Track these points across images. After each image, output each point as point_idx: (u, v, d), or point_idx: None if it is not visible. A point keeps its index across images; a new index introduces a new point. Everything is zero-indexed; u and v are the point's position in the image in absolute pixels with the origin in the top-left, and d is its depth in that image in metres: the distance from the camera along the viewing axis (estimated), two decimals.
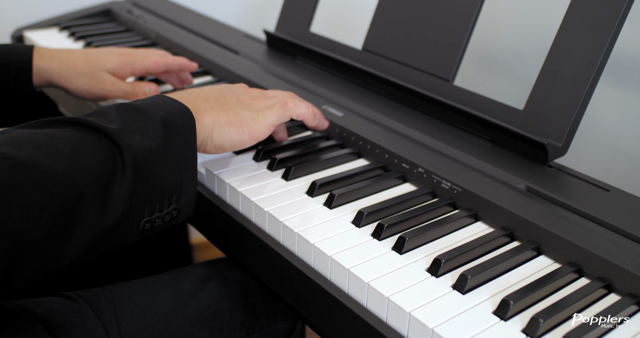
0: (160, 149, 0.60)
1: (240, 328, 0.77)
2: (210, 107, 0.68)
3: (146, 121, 0.60)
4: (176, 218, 0.64)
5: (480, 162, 0.73)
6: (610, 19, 0.68)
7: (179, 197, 0.62)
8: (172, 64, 0.92)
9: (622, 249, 0.58)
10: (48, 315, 0.67)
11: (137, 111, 0.61)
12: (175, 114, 0.63)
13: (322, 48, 1.00)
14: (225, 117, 0.68)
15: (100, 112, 0.61)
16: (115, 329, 0.69)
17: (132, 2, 1.38)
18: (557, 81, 0.72)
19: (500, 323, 0.53)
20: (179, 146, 0.62)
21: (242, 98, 0.72)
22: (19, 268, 0.51)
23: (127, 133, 0.58)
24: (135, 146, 0.58)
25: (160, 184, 0.60)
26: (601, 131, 1.01)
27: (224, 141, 0.68)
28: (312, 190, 0.70)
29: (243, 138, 0.69)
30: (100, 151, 0.56)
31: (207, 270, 0.81)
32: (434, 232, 0.64)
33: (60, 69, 0.86)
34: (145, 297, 0.74)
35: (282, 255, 0.64)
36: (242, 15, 1.66)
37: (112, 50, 0.90)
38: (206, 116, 0.67)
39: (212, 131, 0.67)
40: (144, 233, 0.61)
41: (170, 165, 0.61)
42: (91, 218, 0.54)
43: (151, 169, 0.59)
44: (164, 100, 0.65)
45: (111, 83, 0.87)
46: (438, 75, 0.85)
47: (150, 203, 0.60)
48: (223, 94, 0.72)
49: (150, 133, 0.60)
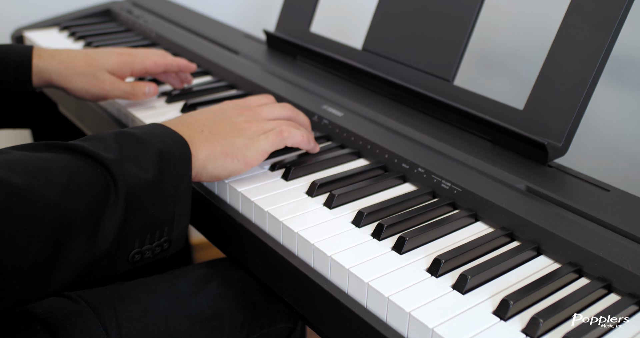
0: (155, 181, 0.59)
1: (240, 328, 0.77)
2: (204, 138, 0.67)
3: (143, 152, 0.60)
4: (166, 250, 0.63)
5: (480, 162, 0.73)
6: (610, 19, 0.68)
7: (171, 230, 0.62)
8: (172, 64, 0.92)
9: (622, 249, 0.58)
10: (48, 315, 0.67)
11: (135, 140, 0.61)
12: (172, 146, 0.63)
13: (322, 48, 1.00)
14: (220, 149, 0.68)
15: (99, 139, 0.61)
16: (115, 329, 0.69)
17: (132, 2, 1.38)
18: (557, 81, 0.72)
19: (500, 323, 0.53)
20: (174, 179, 0.61)
21: (236, 123, 0.71)
22: (3, 293, 0.51)
23: (123, 163, 0.58)
24: (131, 177, 0.58)
25: (152, 216, 0.60)
26: (601, 131, 1.01)
27: (219, 171, 0.68)
28: (312, 190, 0.70)
29: (238, 167, 0.69)
30: (95, 180, 0.56)
31: (207, 270, 0.81)
32: (434, 232, 0.64)
33: (60, 69, 0.86)
34: (145, 297, 0.74)
35: (282, 255, 0.64)
36: (242, 15, 1.66)
37: (112, 50, 0.90)
38: (201, 149, 0.66)
39: (206, 163, 0.67)
40: (133, 264, 0.61)
41: (163, 198, 0.60)
42: (80, 247, 0.54)
43: (144, 201, 0.58)
44: (163, 131, 0.64)
45: (110, 83, 0.87)
46: (438, 75, 0.85)
47: (142, 235, 0.59)
48: (217, 122, 0.71)
49: (146, 165, 0.59)
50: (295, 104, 0.88)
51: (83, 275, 0.56)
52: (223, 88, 0.99)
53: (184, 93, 0.95)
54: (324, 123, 0.84)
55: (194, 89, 0.96)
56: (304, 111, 0.86)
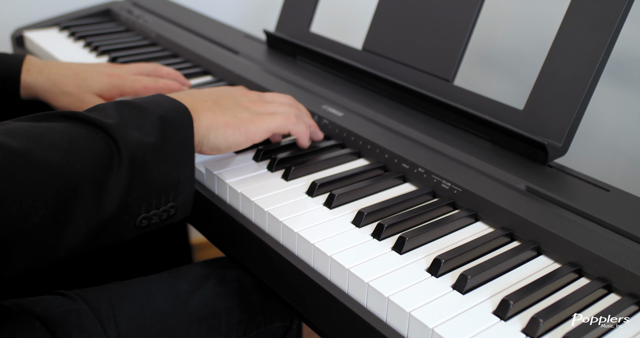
0: (158, 145, 0.60)
1: (237, 326, 0.77)
2: (208, 108, 0.68)
3: (144, 118, 0.61)
4: (173, 216, 0.64)
5: (480, 162, 0.73)
6: (610, 19, 0.68)
7: (177, 195, 0.62)
8: (163, 89, 0.89)
9: (622, 249, 0.58)
10: (46, 314, 0.67)
11: (135, 107, 0.61)
12: (173, 112, 0.63)
13: (322, 48, 1.00)
14: (223, 119, 0.68)
15: (99, 108, 0.61)
16: (113, 328, 0.69)
17: (132, 2, 1.38)
18: (557, 81, 0.72)
19: (500, 323, 0.53)
20: (177, 144, 0.62)
21: (240, 100, 0.73)
22: (13, 256, 0.51)
23: (125, 128, 0.59)
24: (133, 141, 0.58)
25: (157, 181, 0.60)
26: (601, 131, 1.01)
27: (220, 142, 0.68)
28: (312, 190, 0.70)
29: (239, 140, 0.69)
30: (97, 145, 0.56)
31: (205, 269, 0.81)
32: (434, 232, 0.64)
33: (47, 86, 0.85)
34: (143, 295, 0.74)
35: (282, 255, 0.64)
36: (242, 15, 1.66)
37: (103, 69, 0.88)
38: (203, 117, 0.67)
39: (208, 131, 0.67)
40: (140, 229, 0.61)
41: (167, 162, 0.61)
42: (87, 211, 0.55)
43: (148, 165, 0.59)
44: (163, 99, 0.65)
45: None
46: (438, 75, 0.85)
47: (147, 200, 0.60)
48: (221, 96, 0.72)
49: (148, 129, 0.60)
50: None
51: (92, 240, 0.57)
52: None
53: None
54: (324, 123, 0.84)
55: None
56: None
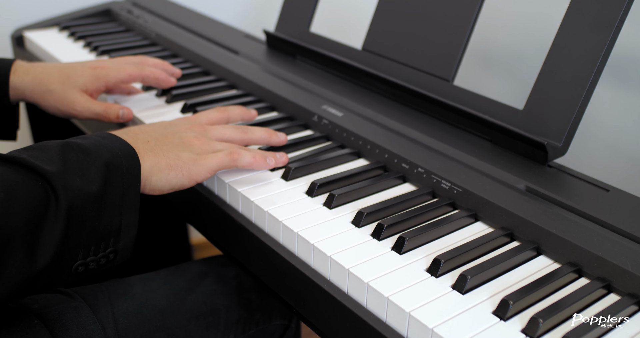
0: (100, 193, 0.59)
1: (236, 324, 0.77)
2: (150, 149, 0.67)
3: (89, 163, 0.59)
4: (112, 260, 0.63)
5: (480, 162, 0.73)
6: (610, 19, 0.68)
7: (117, 241, 0.62)
8: (149, 76, 0.89)
9: (622, 249, 0.58)
10: (44, 310, 0.67)
11: (82, 151, 0.60)
12: (120, 157, 0.62)
13: (322, 48, 1.00)
14: (165, 161, 0.66)
15: (43, 149, 0.59)
16: (111, 324, 0.70)
17: (132, 2, 1.38)
18: (557, 81, 0.72)
19: (500, 323, 0.53)
20: (121, 190, 0.61)
21: (184, 137, 0.70)
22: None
23: (66, 176, 0.57)
24: (74, 190, 0.57)
25: (97, 229, 0.59)
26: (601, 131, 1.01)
27: (163, 184, 0.67)
28: (312, 190, 0.70)
29: (182, 182, 0.68)
30: (35, 195, 0.55)
31: (203, 267, 0.81)
32: (433, 232, 0.64)
33: (32, 86, 0.85)
34: (141, 293, 0.74)
35: (282, 255, 0.64)
36: (242, 15, 1.66)
37: (86, 63, 0.88)
38: (146, 160, 0.65)
39: (150, 175, 0.65)
40: (77, 275, 0.60)
41: (109, 209, 0.60)
42: (18, 263, 0.53)
43: (88, 214, 0.58)
44: (112, 140, 0.64)
45: (81, 103, 0.84)
46: (438, 75, 0.85)
47: (85, 247, 0.59)
48: (165, 134, 0.70)
49: (92, 176, 0.58)
50: (295, 104, 0.88)
51: (24, 289, 0.55)
52: (223, 88, 0.99)
53: (184, 93, 0.95)
54: (324, 123, 0.84)
55: (194, 89, 0.96)
56: (304, 111, 0.86)
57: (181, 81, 0.99)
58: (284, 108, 0.90)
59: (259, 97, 0.94)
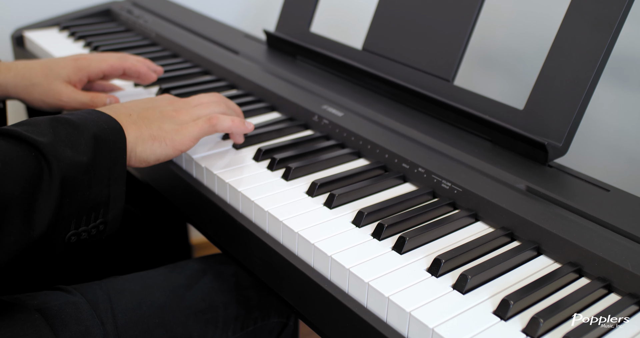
0: (90, 164, 0.61)
1: (235, 321, 0.77)
2: (132, 122, 0.69)
3: (78, 136, 0.61)
4: (102, 231, 0.65)
5: (480, 162, 0.73)
6: (610, 19, 0.69)
7: (107, 211, 0.64)
8: (130, 69, 0.90)
9: (622, 249, 0.58)
10: (43, 306, 0.67)
11: (70, 125, 0.62)
12: (107, 130, 0.64)
13: (322, 48, 1.00)
14: (148, 132, 0.69)
15: (33, 124, 0.61)
16: (110, 320, 0.70)
17: (132, 2, 1.38)
18: (557, 81, 0.72)
19: (500, 323, 0.53)
20: (109, 162, 0.63)
21: (165, 111, 0.73)
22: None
23: (58, 147, 0.59)
24: (65, 160, 0.59)
25: (88, 199, 0.61)
26: (601, 131, 1.01)
27: (147, 155, 0.69)
28: (312, 190, 0.70)
29: (167, 151, 0.70)
30: (29, 164, 0.57)
31: (202, 264, 0.82)
32: (434, 232, 0.64)
33: (15, 81, 0.85)
34: (140, 289, 0.75)
35: (282, 255, 0.64)
36: (242, 15, 1.66)
37: (69, 56, 0.89)
38: (129, 132, 0.67)
39: (135, 146, 0.68)
40: (69, 245, 0.62)
41: (99, 180, 0.62)
42: (16, 229, 0.56)
43: (80, 184, 0.60)
44: (97, 115, 0.66)
45: (67, 94, 0.85)
46: (438, 75, 0.85)
47: (77, 217, 0.61)
48: (146, 108, 0.72)
49: (82, 148, 0.61)
50: (295, 104, 0.88)
51: (21, 257, 0.58)
52: (223, 88, 0.99)
53: (184, 93, 0.95)
54: (324, 123, 0.84)
55: (194, 89, 0.96)
56: (304, 111, 0.86)
57: (181, 81, 0.99)
58: (284, 108, 0.90)
59: (259, 97, 0.94)
